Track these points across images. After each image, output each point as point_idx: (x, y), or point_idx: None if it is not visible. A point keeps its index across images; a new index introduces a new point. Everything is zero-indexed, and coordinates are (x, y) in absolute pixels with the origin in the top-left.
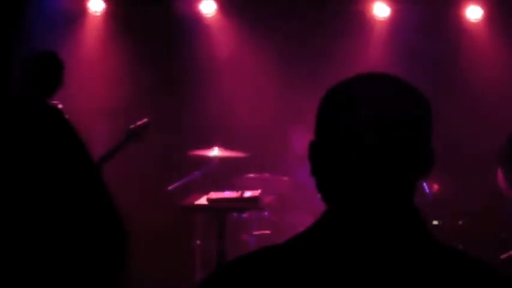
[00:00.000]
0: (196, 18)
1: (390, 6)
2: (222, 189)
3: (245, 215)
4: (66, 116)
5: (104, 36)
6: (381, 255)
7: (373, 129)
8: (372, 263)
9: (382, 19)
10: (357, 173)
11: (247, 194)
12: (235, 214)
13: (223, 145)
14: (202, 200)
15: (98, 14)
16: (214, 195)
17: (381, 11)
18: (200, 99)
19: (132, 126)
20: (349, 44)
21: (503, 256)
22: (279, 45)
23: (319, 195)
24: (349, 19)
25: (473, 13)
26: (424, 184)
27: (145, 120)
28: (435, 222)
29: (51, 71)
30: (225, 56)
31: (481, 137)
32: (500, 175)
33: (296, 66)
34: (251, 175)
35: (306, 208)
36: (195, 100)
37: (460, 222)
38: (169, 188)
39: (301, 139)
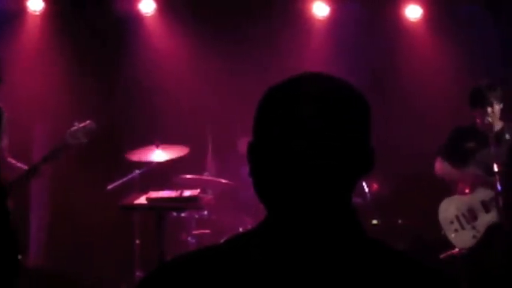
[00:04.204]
0: (136, 17)
1: (329, 5)
2: (162, 189)
3: (184, 215)
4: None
5: (44, 35)
6: (316, 258)
7: (316, 126)
8: (307, 265)
9: (321, 18)
10: (296, 171)
11: (187, 193)
12: (174, 213)
13: (163, 144)
14: (142, 200)
15: (37, 13)
16: (153, 194)
17: (320, 10)
18: (139, 98)
19: (73, 128)
20: (289, 43)
21: (442, 255)
22: (220, 43)
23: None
24: (289, 18)
25: (413, 12)
26: (364, 183)
27: (87, 122)
28: (374, 222)
29: None
30: (165, 54)
31: (419, 135)
32: (438, 164)
33: (237, 64)
34: (190, 175)
35: (246, 208)
36: (135, 99)
37: (400, 221)
38: (109, 187)
39: (247, 139)
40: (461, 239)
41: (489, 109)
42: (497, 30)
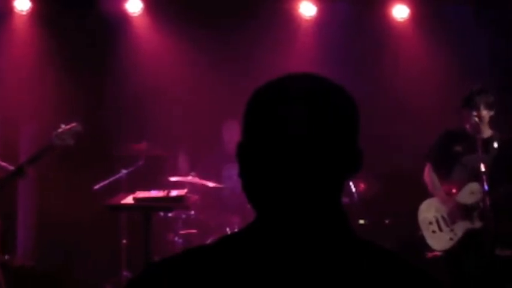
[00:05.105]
0: (123, 18)
1: (316, 5)
2: (149, 189)
3: (171, 214)
4: None
5: (31, 35)
6: (305, 260)
7: (305, 127)
8: (297, 267)
9: (308, 18)
10: (287, 172)
11: (174, 193)
12: (161, 213)
13: (150, 144)
14: (129, 199)
15: (24, 13)
16: (140, 194)
17: (307, 9)
18: (127, 98)
19: (60, 130)
20: (276, 43)
21: (429, 255)
22: (208, 43)
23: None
24: (276, 18)
25: (400, 12)
26: (351, 183)
27: (74, 124)
28: (361, 222)
29: None
30: (153, 54)
31: (406, 136)
32: (426, 170)
33: (225, 64)
34: (177, 175)
35: (233, 208)
36: (123, 99)
37: (387, 221)
38: (96, 187)
39: (233, 138)
40: (438, 240)
41: (474, 113)
42: (484, 29)
